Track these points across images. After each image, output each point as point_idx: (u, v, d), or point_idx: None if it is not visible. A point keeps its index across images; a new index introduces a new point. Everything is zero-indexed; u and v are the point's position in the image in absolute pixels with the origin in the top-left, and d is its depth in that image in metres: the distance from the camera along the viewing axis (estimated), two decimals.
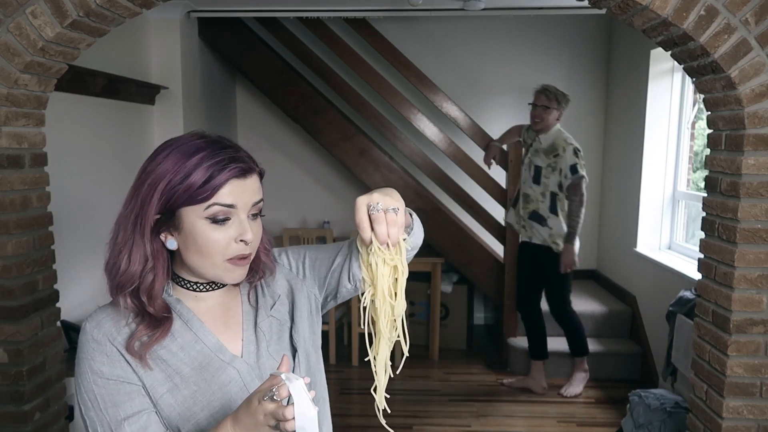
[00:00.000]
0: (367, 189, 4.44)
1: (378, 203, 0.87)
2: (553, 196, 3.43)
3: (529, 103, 3.52)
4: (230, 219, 0.95)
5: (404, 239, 0.92)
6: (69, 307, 2.44)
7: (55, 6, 1.77)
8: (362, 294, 0.94)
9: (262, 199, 1.00)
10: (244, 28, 4.07)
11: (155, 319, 0.96)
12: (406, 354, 0.93)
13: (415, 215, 1.07)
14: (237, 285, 1.08)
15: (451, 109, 4.18)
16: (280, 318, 1.08)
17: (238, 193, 0.94)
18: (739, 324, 1.89)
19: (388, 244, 0.88)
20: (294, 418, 0.79)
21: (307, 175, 4.90)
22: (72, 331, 2.33)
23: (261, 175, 1.01)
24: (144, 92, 3.26)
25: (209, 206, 0.93)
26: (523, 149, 3.75)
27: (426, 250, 4.34)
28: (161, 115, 3.42)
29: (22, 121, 1.87)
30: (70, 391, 2.11)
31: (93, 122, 2.80)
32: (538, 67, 4.67)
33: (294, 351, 1.06)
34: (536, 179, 3.49)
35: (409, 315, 4.45)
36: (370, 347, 0.94)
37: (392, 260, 0.90)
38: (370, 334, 0.94)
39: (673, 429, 2.55)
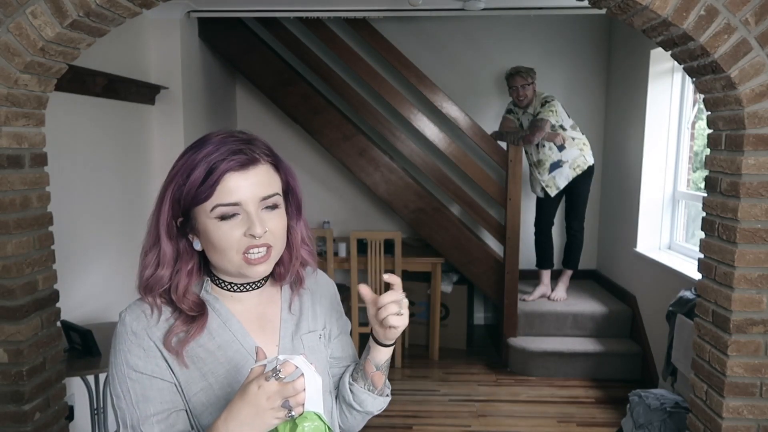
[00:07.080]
0: (367, 189, 4.45)
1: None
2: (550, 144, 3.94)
3: (511, 87, 3.95)
4: (238, 214, 0.93)
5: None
6: (69, 307, 2.44)
7: (55, 6, 1.77)
8: None
9: (276, 193, 0.96)
10: (244, 28, 4.07)
11: (189, 316, 0.97)
12: None
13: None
14: (278, 287, 1.07)
15: (451, 109, 4.18)
16: (319, 335, 1.11)
17: (241, 187, 0.92)
18: (739, 324, 1.89)
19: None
20: (305, 389, 0.81)
21: (307, 175, 4.89)
22: (72, 331, 2.32)
23: (276, 165, 0.97)
24: (144, 92, 3.25)
25: (213, 208, 0.92)
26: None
27: (426, 250, 4.34)
28: (161, 115, 3.42)
29: (22, 121, 1.87)
30: (70, 391, 2.10)
31: (93, 122, 2.80)
32: (538, 66, 4.65)
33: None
34: (537, 144, 3.96)
35: (410, 315, 4.44)
36: None
37: None
38: None
39: (673, 429, 2.54)
